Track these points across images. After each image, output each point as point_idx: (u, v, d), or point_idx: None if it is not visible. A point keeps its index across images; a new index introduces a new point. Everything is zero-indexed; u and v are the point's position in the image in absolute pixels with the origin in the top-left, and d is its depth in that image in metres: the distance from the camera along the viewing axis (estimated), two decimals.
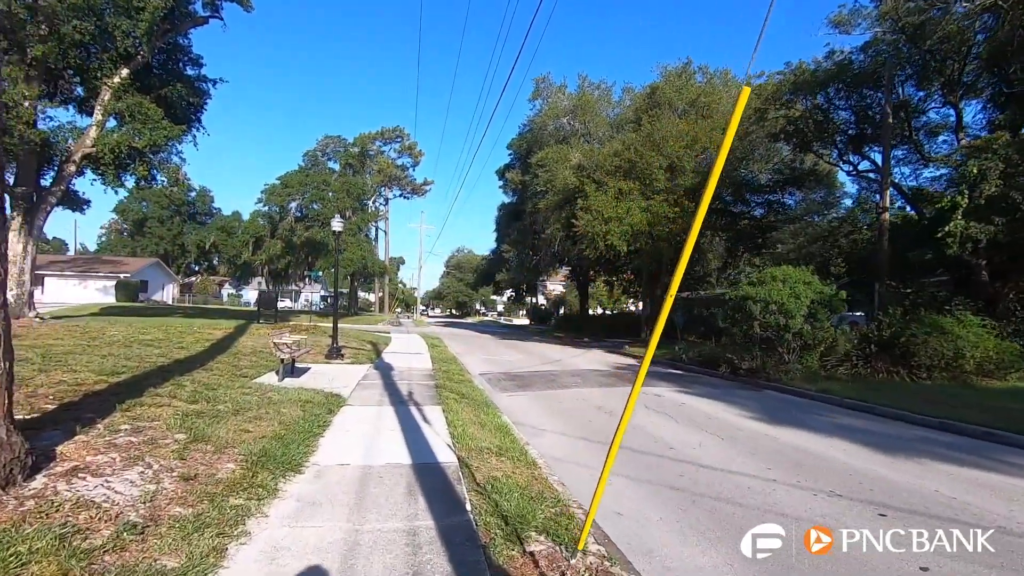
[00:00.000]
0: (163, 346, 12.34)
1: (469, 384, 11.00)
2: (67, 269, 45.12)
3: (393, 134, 57.67)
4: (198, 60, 21.00)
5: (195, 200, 69.49)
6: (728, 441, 7.17)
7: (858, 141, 18.94)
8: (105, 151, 17.35)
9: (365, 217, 44.91)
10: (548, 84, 28.52)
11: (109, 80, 17.73)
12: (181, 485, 3.82)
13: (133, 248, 63.33)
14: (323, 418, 6.63)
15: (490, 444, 6.09)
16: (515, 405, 9.58)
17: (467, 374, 12.91)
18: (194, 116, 21.23)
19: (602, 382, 12.64)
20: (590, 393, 11.07)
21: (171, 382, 7.51)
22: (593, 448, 6.71)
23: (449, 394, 9.27)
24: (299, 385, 8.95)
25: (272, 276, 47.00)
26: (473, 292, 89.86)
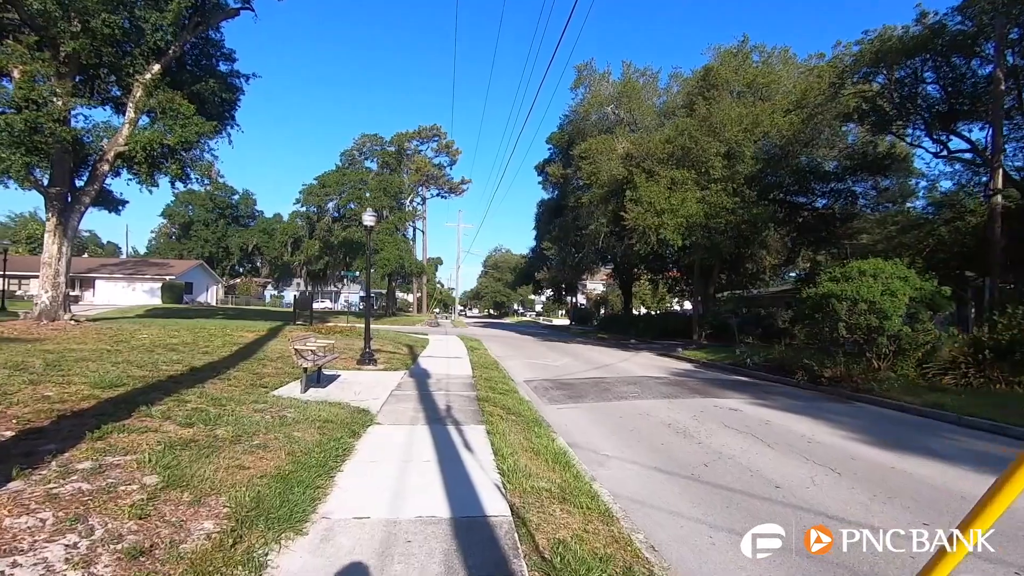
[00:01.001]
0: (186, 351, 11.56)
1: (514, 395, 9.73)
2: (116, 272, 46.20)
3: (430, 132, 57.05)
4: (230, 55, 20.51)
5: (238, 203, 70.76)
6: (848, 477, 5.64)
7: (948, 118, 16.69)
8: (137, 149, 16.88)
9: (402, 216, 44.28)
10: (591, 71, 26.97)
11: (141, 76, 17.29)
12: (123, 569, 2.67)
13: (180, 251, 64.88)
14: (344, 443, 5.46)
15: (549, 482, 4.80)
16: (568, 421, 8.26)
17: (511, 382, 11.66)
18: (227, 112, 20.74)
19: (664, 392, 11.16)
20: (652, 406, 9.64)
21: (173, 397, 6.51)
22: (676, 484, 5.34)
23: (493, 408, 8.02)
24: (323, 398, 7.87)
25: (310, 277, 46.96)
26: (511, 292, 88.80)
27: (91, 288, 45.40)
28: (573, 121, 29.97)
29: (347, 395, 8.33)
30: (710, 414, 8.98)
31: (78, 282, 45.12)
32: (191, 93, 18.69)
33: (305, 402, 7.30)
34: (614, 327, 36.48)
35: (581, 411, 9.17)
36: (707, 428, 7.89)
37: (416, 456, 5.39)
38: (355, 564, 3.09)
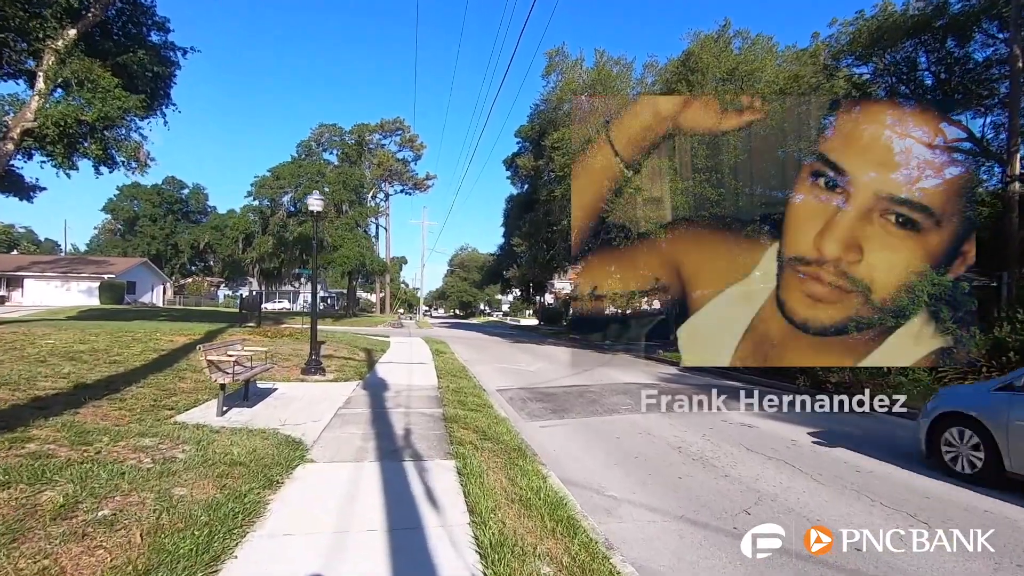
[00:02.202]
0: (89, 361, 9.52)
1: (488, 410, 8.13)
2: (49, 270, 42.43)
3: (393, 126, 54.75)
4: (163, 24, 18.15)
5: (188, 198, 66.72)
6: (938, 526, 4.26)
7: (945, 106, 15.94)
8: (49, 125, 14.55)
9: (363, 211, 41.96)
10: (563, 57, 25.54)
11: (53, 42, 14.98)
12: None
13: (124, 248, 60.61)
14: (252, 503, 3.77)
15: (552, 562, 3.24)
16: (557, 446, 6.71)
17: (483, 393, 10.05)
18: (161, 90, 18.42)
19: (659, 402, 9.73)
20: (652, 421, 8.20)
21: (17, 432, 4.68)
22: (723, 549, 3.83)
23: (464, 432, 6.41)
24: (245, 422, 6.11)
25: (264, 276, 44.18)
26: (478, 291, 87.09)
27: (19, 288, 41.55)
28: (544, 112, 28.50)
29: (279, 416, 6.58)
30: (722, 432, 7.60)
31: (4, 281, 41.28)
32: (117, 65, 16.40)
33: (216, 431, 5.53)
34: (585, 327, 35.23)
35: (569, 430, 7.65)
36: (726, 453, 6.47)
37: (357, 521, 3.74)
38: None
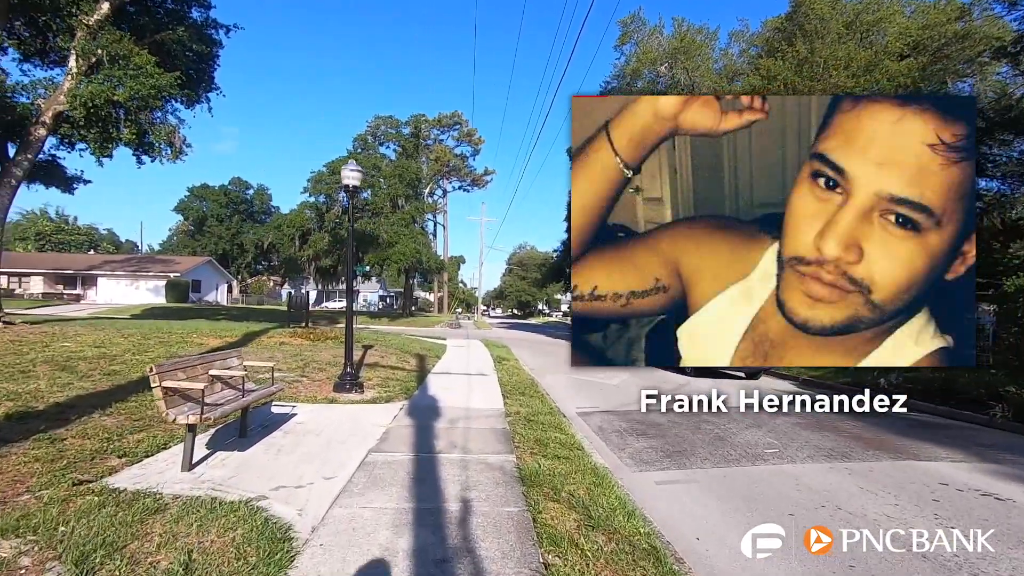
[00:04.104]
0: (84, 370, 7.82)
1: (578, 456, 5.67)
2: (119, 269, 43.53)
3: (450, 120, 53.20)
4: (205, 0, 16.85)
5: (252, 198, 68.03)
6: None
7: None
8: (77, 106, 13.33)
9: (420, 207, 40.42)
10: (640, 23, 22.69)
11: (86, 17, 13.80)
12: None
13: (194, 248, 62.34)
14: None
15: None
16: (699, 528, 4.18)
17: (563, 421, 7.63)
18: (203, 71, 17.14)
19: (815, 444, 6.93)
20: (820, 478, 5.50)
21: None
22: None
23: (555, 510, 4.00)
24: (220, 483, 3.96)
25: (320, 273, 43.55)
26: (537, 291, 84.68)
27: (93, 286, 42.79)
28: (615, 89, 25.71)
29: (277, 469, 4.42)
30: (948, 501, 4.84)
31: (80, 280, 42.62)
32: (154, 44, 15.16)
33: (162, 506, 3.39)
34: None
35: (701, 492, 5.09)
36: (984, 553, 3.75)
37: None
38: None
